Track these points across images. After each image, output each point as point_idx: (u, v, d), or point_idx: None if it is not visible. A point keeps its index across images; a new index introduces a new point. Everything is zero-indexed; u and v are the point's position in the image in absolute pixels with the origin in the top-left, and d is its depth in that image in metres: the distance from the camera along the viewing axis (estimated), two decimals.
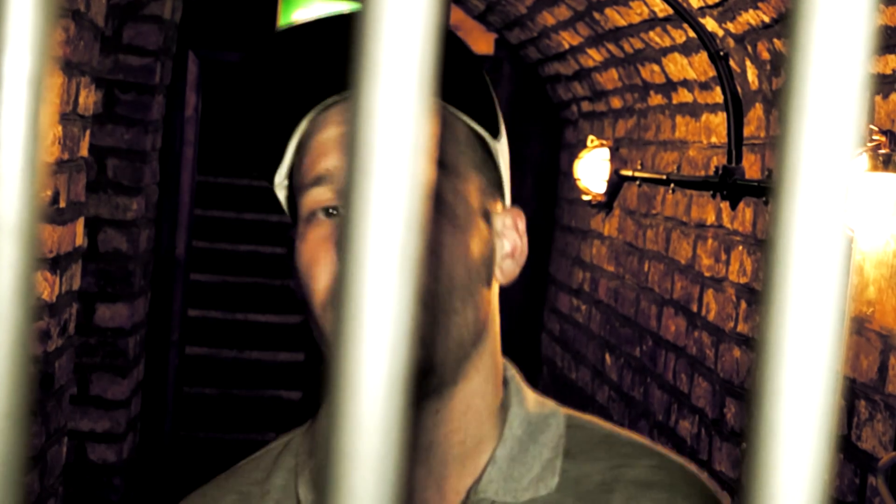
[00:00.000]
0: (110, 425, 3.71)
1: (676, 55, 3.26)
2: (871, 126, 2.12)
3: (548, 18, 3.98)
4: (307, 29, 0.88)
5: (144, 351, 4.13)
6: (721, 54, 2.82)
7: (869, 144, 2.10)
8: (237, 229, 7.15)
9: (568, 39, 4.01)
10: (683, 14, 2.77)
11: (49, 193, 2.31)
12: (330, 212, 0.87)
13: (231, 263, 6.99)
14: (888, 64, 2.17)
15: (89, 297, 3.64)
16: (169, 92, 4.14)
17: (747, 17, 2.62)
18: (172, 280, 4.47)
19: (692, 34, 2.93)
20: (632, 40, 3.49)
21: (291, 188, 0.93)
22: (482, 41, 4.76)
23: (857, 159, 2.02)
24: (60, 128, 2.35)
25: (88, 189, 2.95)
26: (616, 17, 3.41)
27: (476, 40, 4.69)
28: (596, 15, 3.53)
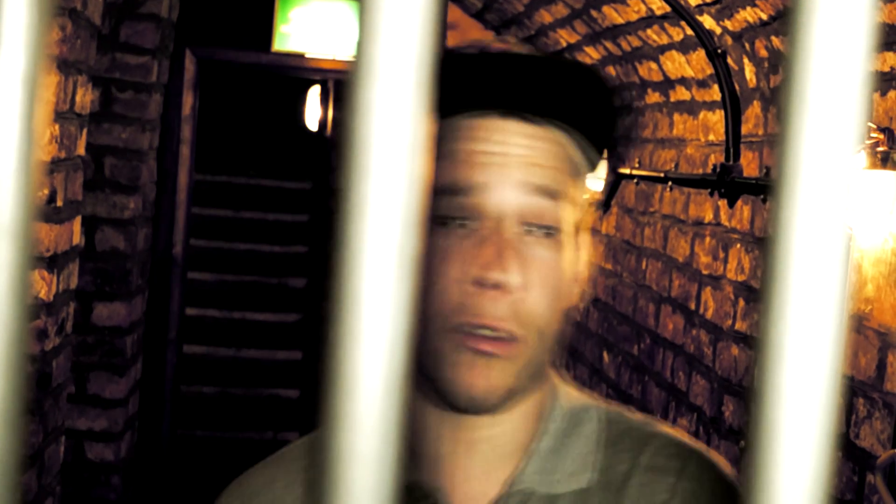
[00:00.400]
0: (108, 424, 3.71)
1: (674, 53, 3.25)
2: (870, 124, 2.12)
3: (545, 16, 3.97)
4: (531, 59, 0.92)
5: (142, 350, 4.13)
6: (719, 52, 2.82)
7: (867, 142, 2.10)
8: (235, 228, 7.15)
9: (565, 37, 4.01)
10: (681, 12, 2.77)
11: (45, 192, 2.30)
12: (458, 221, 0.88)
13: (229, 262, 6.99)
14: (886, 61, 2.17)
15: (87, 296, 3.64)
16: (166, 90, 4.13)
17: (745, 15, 2.62)
18: (170, 279, 4.46)
19: (690, 32, 2.93)
20: (629, 38, 3.48)
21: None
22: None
23: (856, 157, 2.02)
24: (57, 126, 2.35)
25: (86, 188, 2.94)
26: (613, 15, 3.41)
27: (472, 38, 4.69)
28: (593, 13, 3.53)
